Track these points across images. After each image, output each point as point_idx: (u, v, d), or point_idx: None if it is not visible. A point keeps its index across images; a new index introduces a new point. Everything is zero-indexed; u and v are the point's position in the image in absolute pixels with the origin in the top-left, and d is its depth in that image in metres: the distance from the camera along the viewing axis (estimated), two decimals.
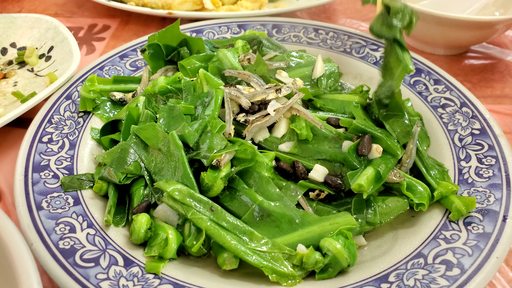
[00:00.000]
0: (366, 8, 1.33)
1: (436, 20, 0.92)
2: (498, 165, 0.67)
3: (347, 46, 0.96)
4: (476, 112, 0.76)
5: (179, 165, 0.62)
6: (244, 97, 0.69)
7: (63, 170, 0.68)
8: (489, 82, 0.99)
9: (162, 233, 0.58)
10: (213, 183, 0.60)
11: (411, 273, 0.55)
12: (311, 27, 1.01)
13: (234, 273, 0.58)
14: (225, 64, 0.79)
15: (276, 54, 0.87)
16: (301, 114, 0.68)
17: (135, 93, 0.82)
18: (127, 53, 0.93)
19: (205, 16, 1.10)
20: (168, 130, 0.67)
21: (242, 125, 0.70)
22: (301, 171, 0.65)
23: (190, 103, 0.71)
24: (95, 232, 0.60)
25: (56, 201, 0.63)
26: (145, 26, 1.22)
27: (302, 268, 0.57)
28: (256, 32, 0.95)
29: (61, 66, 0.92)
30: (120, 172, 0.65)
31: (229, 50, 0.81)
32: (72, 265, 0.54)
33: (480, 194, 0.64)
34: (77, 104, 0.80)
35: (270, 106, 0.68)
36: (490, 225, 0.59)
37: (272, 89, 0.70)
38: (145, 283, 0.54)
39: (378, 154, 0.64)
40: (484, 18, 0.90)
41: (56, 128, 0.75)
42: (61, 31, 0.98)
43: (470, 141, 0.72)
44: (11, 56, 1.04)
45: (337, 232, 0.58)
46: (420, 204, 0.63)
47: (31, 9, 1.33)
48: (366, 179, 0.61)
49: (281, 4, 1.29)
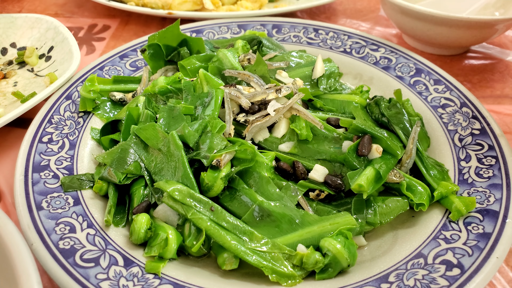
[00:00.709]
0: (366, 8, 1.33)
1: (436, 20, 0.92)
2: (498, 165, 0.67)
3: (347, 46, 0.96)
4: (476, 112, 0.76)
5: (179, 165, 0.62)
6: (244, 97, 0.69)
7: (63, 170, 0.68)
8: (489, 82, 0.99)
9: (162, 233, 0.58)
10: (213, 183, 0.60)
11: (411, 273, 0.55)
12: (311, 27, 1.01)
13: (234, 273, 0.58)
14: (225, 64, 0.79)
15: (276, 54, 0.87)
16: (301, 114, 0.68)
17: (135, 93, 0.82)
18: (127, 53, 0.93)
19: (205, 16, 1.10)
20: (168, 130, 0.67)
21: (242, 125, 0.70)
22: (301, 171, 0.65)
23: (190, 103, 0.71)
24: (95, 232, 0.60)
25: (56, 201, 0.63)
26: (145, 26, 1.22)
27: (302, 268, 0.57)
28: (256, 32, 0.95)
29: (61, 66, 0.92)
30: (120, 172, 0.65)
31: (229, 50, 0.81)
32: (72, 265, 0.54)
33: (480, 194, 0.64)
34: (77, 104, 0.80)
35: (270, 106, 0.68)
36: (490, 225, 0.59)
37: (272, 89, 0.70)
38: (145, 283, 0.54)
39: (378, 154, 0.64)
40: (484, 18, 0.90)
41: (56, 128, 0.75)
42: (61, 31, 0.98)
43: (470, 141, 0.72)
44: (11, 56, 1.04)
45: (337, 232, 0.58)
46: (420, 204, 0.63)
47: (31, 9, 1.33)
48: (366, 179, 0.61)
49: (281, 4, 1.29)
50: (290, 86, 0.71)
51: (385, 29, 1.21)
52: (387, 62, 0.91)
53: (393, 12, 1.01)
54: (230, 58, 0.79)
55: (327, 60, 0.85)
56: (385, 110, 0.72)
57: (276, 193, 0.62)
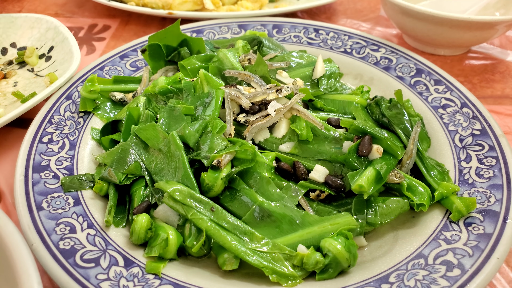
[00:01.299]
0: (367, 8, 1.33)
1: (437, 21, 0.92)
2: (498, 165, 0.67)
3: (348, 47, 0.96)
4: (477, 113, 0.76)
5: (180, 166, 0.62)
6: (245, 97, 0.69)
7: (63, 170, 0.68)
8: (489, 83, 0.99)
9: (163, 234, 0.58)
10: (213, 184, 0.60)
11: (412, 273, 0.55)
12: (312, 27, 1.01)
13: (234, 273, 0.58)
14: (226, 64, 0.79)
15: (276, 54, 0.87)
16: (302, 115, 0.68)
17: (135, 93, 0.82)
18: (127, 53, 0.93)
19: (205, 16, 1.10)
20: (168, 131, 0.67)
21: (243, 125, 0.70)
22: (301, 171, 0.65)
23: (191, 103, 0.71)
24: (95, 233, 0.60)
25: (56, 201, 0.63)
26: (146, 26, 1.22)
27: (302, 268, 0.57)
28: (257, 32, 0.95)
29: (61, 66, 0.92)
30: (120, 173, 0.65)
31: (229, 50, 0.81)
32: (73, 265, 0.54)
33: (480, 195, 0.64)
34: (77, 104, 0.80)
35: (270, 107, 0.68)
36: (491, 225, 0.59)
37: (272, 89, 0.70)
38: (146, 284, 0.54)
39: (378, 154, 0.64)
40: (485, 19, 0.90)
41: (56, 128, 0.75)
42: (61, 31, 0.98)
43: (470, 142, 0.72)
44: (11, 56, 1.04)
45: (338, 232, 0.58)
46: (420, 204, 0.63)
47: (31, 9, 1.32)
48: (366, 179, 0.61)
49: (282, 4, 1.29)
50: (290, 86, 0.71)
51: (386, 29, 1.21)
52: (388, 63, 0.91)
53: (394, 12, 1.01)
54: (231, 58, 0.79)
55: (327, 60, 0.85)
56: (386, 111, 0.72)
57: (276, 194, 0.62)
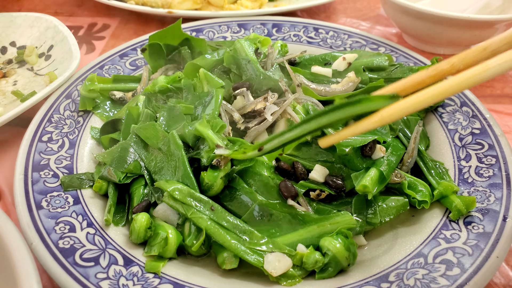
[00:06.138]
0: (366, 7, 1.33)
1: (436, 20, 0.92)
2: (498, 164, 0.67)
3: (347, 45, 0.96)
4: (476, 112, 0.76)
5: (179, 165, 0.62)
6: (236, 110, 0.70)
7: (63, 169, 0.68)
8: (489, 82, 0.99)
9: (162, 233, 0.58)
10: (213, 183, 0.60)
11: (411, 272, 0.55)
12: (311, 26, 1.01)
13: (234, 272, 0.58)
14: (240, 54, 0.79)
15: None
16: (293, 119, 0.68)
17: (135, 92, 0.82)
18: (127, 52, 0.93)
19: (205, 15, 1.10)
20: (168, 130, 0.67)
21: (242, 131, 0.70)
22: (300, 171, 0.65)
23: (190, 102, 0.71)
24: (95, 232, 0.60)
25: (56, 200, 0.63)
26: (145, 25, 1.22)
27: (302, 267, 0.57)
28: (260, 36, 0.94)
29: (61, 65, 0.92)
30: (120, 171, 0.65)
31: (246, 39, 0.81)
32: (72, 264, 0.54)
33: (480, 194, 0.64)
34: (77, 103, 0.80)
35: (267, 109, 0.68)
36: (490, 224, 0.59)
37: (260, 98, 0.71)
38: (145, 283, 0.54)
39: (382, 153, 0.64)
40: (484, 18, 0.89)
41: (56, 127, 0.75)
42: (60, 30, 0.98)
43: (470, 141, 0.72)
44: (11, 55, 1.04)
45: (337, 231, 0.58)
46: (422, 201, 0.63)
47: (30, 8, 1.32)
48: (370, 180, 0.60)
49: (281, 3, 1.29)
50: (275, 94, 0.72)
51: (385, 28, 1.21)
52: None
53: (393, 11, 1.01)
54: (246, 49, 0.79)
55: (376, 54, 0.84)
56: None
57: (276, 193, 0.62)
